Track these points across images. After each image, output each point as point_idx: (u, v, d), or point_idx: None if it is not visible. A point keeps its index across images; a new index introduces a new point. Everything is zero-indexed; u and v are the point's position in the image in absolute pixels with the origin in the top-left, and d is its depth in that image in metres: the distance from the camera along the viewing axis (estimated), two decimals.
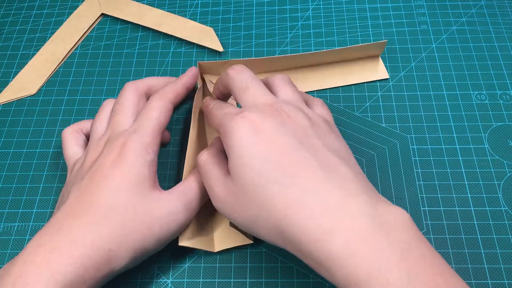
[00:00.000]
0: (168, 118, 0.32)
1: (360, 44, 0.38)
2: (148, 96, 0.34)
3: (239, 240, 0.31)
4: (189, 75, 0.35)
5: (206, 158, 0.29)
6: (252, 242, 0.31)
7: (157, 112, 0.31)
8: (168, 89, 0.33)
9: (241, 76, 0.29)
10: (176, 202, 0.28)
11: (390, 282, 0.20)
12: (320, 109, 0.31)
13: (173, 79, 0.36)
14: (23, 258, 0.25)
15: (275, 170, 0.24)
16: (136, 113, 0.32)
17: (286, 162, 0.24)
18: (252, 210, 0.24)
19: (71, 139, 0.33)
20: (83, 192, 0.27)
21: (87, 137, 0.34)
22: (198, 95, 0.37)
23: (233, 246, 0.31)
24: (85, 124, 0.34)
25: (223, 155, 0.29)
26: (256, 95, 0.28)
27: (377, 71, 0.40)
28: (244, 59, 0.37)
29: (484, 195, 0.33)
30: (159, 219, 0.28)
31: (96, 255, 0.25)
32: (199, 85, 0.38)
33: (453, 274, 0.21)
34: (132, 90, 0.33)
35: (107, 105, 0.34)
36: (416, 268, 0.20)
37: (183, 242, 0.29)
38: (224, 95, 0.32)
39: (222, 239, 0.31)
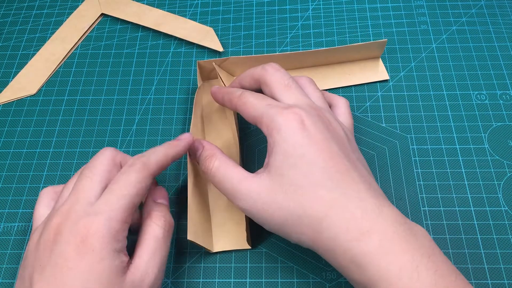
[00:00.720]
0: (144, 195, 0.27)
1: (360, 43, 0.38)
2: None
3: (238, 244, 0.31)
4: (182, 146, 0.30)
5: (219, 163, 0.27)
6: (250, 247, 0.31)
7: (134, 190, 0.26)
8: (152, 159, 0.28)
9: (282, 73, 0.29)
10: (148, 272, 0.25)
11: (420, 278, 0.22)
12: (346, 117, 0.31)
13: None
14: None
15: (321, 173, 0.25)
16: (105, 183, 0.26)
17: (331, 167, 0.25)
18: (286, 209, 0.25)
19: (44, 199, 0.29)
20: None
21: None
22: (197, 96, 0.37)
23: (231, 249, 0.31)
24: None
25: (227, 156, 0.28)
26: (298, 94, 0.28)
27: (377, 72, 0.40)
28: (244, 56, 0.37)
29: (484, 195, 0.33)
30: None
31: None
32: (199, 84, 0.38)
33: (464, 279, 0.23)
34: (108, 156, 0.28)
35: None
36: (441, 269, 0.22)
37: (191, 237, 0.29)
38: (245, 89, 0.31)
39: (220, 240, 0.31)
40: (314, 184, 0.24)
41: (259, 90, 0.31)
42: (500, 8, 0.44)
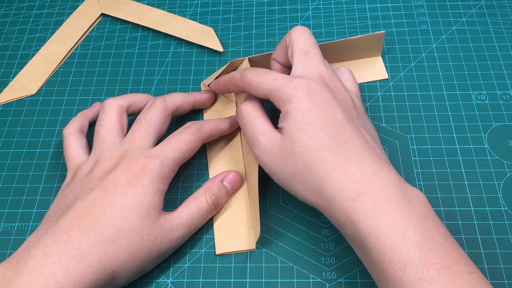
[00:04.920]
0: (192, 155, 0.32)
1: (358, 36, 0.37)
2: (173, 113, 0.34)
3: (243, 245, 0.31)
4: (229, 123, 0.35)
5: (251, 109, 0.30)
6: (254, 249, 0.31)
7: (186, 147, 0.31)
8: (206, 126, 0.33)
9: (305, 38, 0.31)
10: (178, 229, 0.30)
11: (406, 236, 0.23)
12: (351, 83, 0.33)
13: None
14: (30, 268, 0.25)
15: (327, 138, 0.26)
16: (158, 134, 0.32)
17: (336, 133, 0.27)
18: (294, 167, 0.27)
19: (75, 139, 0.33)
20: (93, 205, 0.27)
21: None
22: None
23: (234, 251, 0.31)
24: (83, 124, 0.34)
25: (263, 108, 0.31)
26: (313, 62, 0.30)
27: (377, 71, 0.40)
28: (244, 57, 0.37)
29: (484, 195, 0.33)
30: (161, 246, 0.29)
31: (101, 274, 0.26)
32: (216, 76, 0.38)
33: (458, 245, 0.24)
34: (162, 109, 0.32)
35: (111, 109, 0.32)
36: (430, 230, 0.24)
37: (219, 251, 0.31)
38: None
39: (224, 242, 0.31)
40: (320, 147, 0.26)
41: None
42: (500, 8, 0.44)
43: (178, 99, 0.34)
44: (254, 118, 0.30)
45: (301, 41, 0.30)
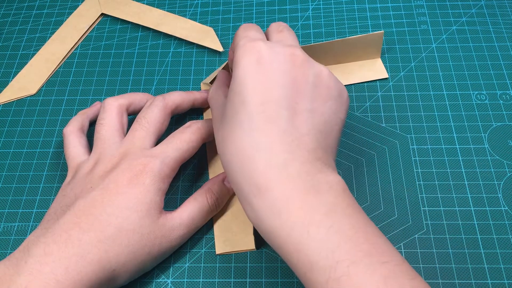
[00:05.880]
0: (192, 154, 0.32)
1: (357, 36, 0.37)
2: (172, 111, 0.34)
3: (243, 244, 0.31)
4: None
5: (213, 92, 0.31)
6: (254, 248, 0.31)
7: (187, 146, 0.31)
8: (205, 125, 0.33)
9: (281, 24, 0.30)
10: (178, 229, 0.29)
11: (310, 235, 0.21)
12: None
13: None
14: (30, 267, 0.25)
15: (246, 116, 0.24)
16: (158, 133, 0.32)
17: (261, 112, 0.24)
18: (217, 139, 0.27)
19: (75, 138, 0.33)
20: (94, 204, 0.27)
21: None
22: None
23: (234, 251, 0.31)
24: (84, 123, 0.34)
25: (225, 86, 0.31)
26: (285, 38, 0.28)
27: (376, 70, 0.40)
28: None
29: (484, 195, 0.33)
30: (161, 246, 0.29)
31: (101, 273, 0.26)
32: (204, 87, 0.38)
33: (377, 233, 0.22)
34: (161, 108, 0.32)
35: (111, 108, 0.32)
36: (338, 224, 0.22)
37: (219, 251, 0.31)
38: None
39: (224, 241, 0.31)
40: (236, 124, 0.24)
41: None
42: (500, 8, 0.44)
43: (178, 98, 0.34)
44: (216, 98, 0.30)
45: (275, 25, 0.30)
